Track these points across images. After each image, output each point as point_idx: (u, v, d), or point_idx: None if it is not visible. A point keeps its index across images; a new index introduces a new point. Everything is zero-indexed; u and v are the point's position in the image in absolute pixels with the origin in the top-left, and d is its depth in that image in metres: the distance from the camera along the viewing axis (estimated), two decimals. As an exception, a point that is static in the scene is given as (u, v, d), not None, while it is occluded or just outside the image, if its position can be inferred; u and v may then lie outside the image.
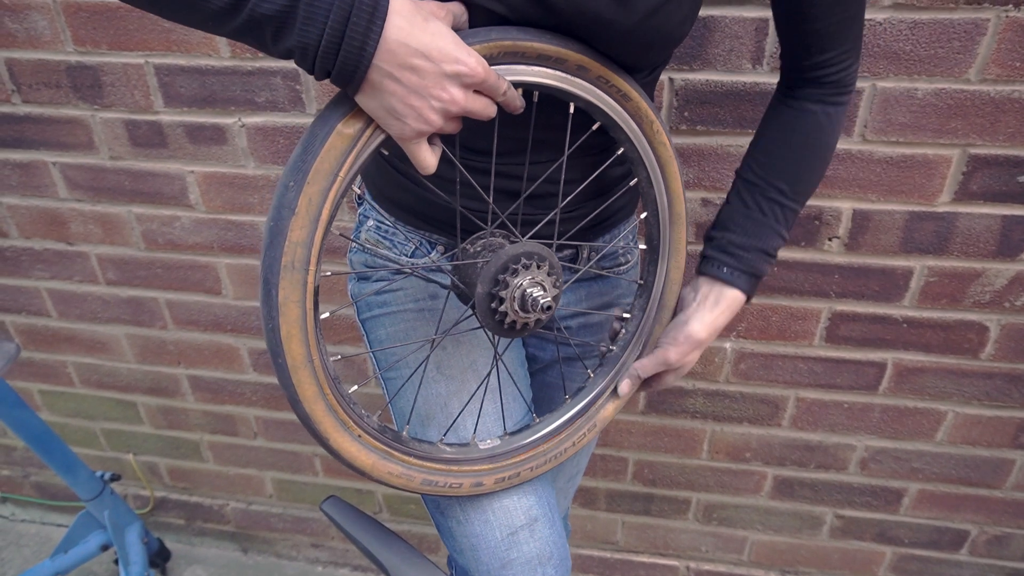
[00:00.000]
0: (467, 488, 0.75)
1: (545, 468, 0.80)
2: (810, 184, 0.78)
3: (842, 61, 0.71)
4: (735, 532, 1.52)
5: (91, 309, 1.47)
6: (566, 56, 0.61)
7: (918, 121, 1.02)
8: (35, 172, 1.31)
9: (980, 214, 1.08)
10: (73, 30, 1.14)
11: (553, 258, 0.65)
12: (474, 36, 0.56)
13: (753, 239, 0.76)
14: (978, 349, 1.20)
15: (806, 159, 0.76)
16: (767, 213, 0.76)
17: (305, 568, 1.76)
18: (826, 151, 0.77)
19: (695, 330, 0.77)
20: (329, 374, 0.63)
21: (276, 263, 0.56)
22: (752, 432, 1.37)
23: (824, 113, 0.74)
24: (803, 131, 0.75)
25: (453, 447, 0.76)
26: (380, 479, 0.70)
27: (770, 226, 0.77)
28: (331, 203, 0.57)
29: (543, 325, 0.71)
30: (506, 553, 0.75)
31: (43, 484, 1.81)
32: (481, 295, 0.64)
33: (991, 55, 0.96)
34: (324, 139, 0.55)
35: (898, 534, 1.45)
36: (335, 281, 1.33)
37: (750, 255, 0.77)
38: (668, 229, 0.78)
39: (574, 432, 0.82)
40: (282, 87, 1.14)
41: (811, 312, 1.21)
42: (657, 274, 0.80)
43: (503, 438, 0.79)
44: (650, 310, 0.82)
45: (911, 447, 1.33)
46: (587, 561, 1.64)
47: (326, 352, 0.64)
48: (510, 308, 0.64)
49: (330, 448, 0.67)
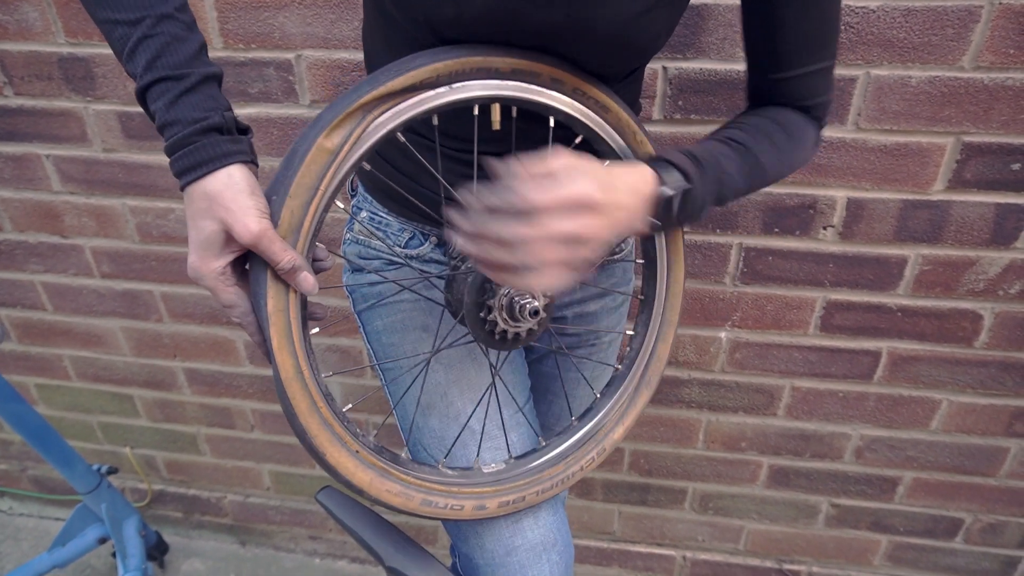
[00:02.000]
0: (469, 511, 0.73)
1: (552, 492, 0.77)
2: (780, 162, 0.70)
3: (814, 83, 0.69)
4: (731, 522, 1.52)
5: (86, 302, 1.46)
6: (539, 69, 0.62)
7: (912, 109, 1.02)
8: (28, 165, 1.30)
9: (974, 202, 1.08)
10: (64, 21, 1.14)
11: None
12: (446, 53, 0.58)
13: (700, 145, 0.67)
14: (972, 337, 1.20)
15: (780, 135, 0.70)
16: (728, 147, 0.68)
17: (303, 560, 1.76)
18: (801, 141, 0.71)
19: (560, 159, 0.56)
20: (321, 389, 0.64)
21: (262, 274, 0.58)
22: (747, 421, 1.37)
23: (799, 116, 0.71)
24: (782, 115, 0.71)
25: (456, 470, 0.75)
26: (378, 498, 0.69)
27: (726, 154, 0.67)
28: (312, 215, 0.58)
29: (538, 337, 0.70)
30: (510, 540, 0.75)
31: (40, 478, 1.81)
32: (469, 305, 0.64)
33: (985, 42, 0.96)
34: (304, 154, 0.57)
35: (893, 523, 1.46)
36: (330, 274, 1.33)
37: (688, 148, 0.66)
38: (664, 241, 0.77)
39: (582, 456, 0.80)
40: (275, 78, 1.13)
41: (806, 301, 1.21)
42: (657, 288, 0.79)
43: (508, 462, 0.77)
44: (652, 326, 0.80)
45: (906, 436, 1.33)
46: (584, 551, 1.64)
47: (317, 367, 0.64)
48: (499, 317, 0.63)
49: (326, 464, 0.65)
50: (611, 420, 0.81)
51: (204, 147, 0.55)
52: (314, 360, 0.63)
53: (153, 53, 0.55)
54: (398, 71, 0.58)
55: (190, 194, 0.56)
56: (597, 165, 0.55)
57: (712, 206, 0.66)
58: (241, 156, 0.57)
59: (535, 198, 0.50)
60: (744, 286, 1.21)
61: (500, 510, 0.74)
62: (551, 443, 0.80)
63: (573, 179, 0.52)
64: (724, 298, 1.23)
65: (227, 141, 0.56)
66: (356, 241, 0.83)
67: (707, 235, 1.17)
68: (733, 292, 1.22)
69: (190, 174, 0.55)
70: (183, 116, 0.55)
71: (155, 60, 0.55)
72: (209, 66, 0.57)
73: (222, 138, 0.56)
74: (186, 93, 0.55)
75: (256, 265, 0.58)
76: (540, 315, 0.64)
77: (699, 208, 0.64)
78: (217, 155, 0.55)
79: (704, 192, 0.63)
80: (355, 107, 0.57)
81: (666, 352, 0.82)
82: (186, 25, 0.57)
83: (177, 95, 0.55)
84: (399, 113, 0.59)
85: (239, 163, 0.56)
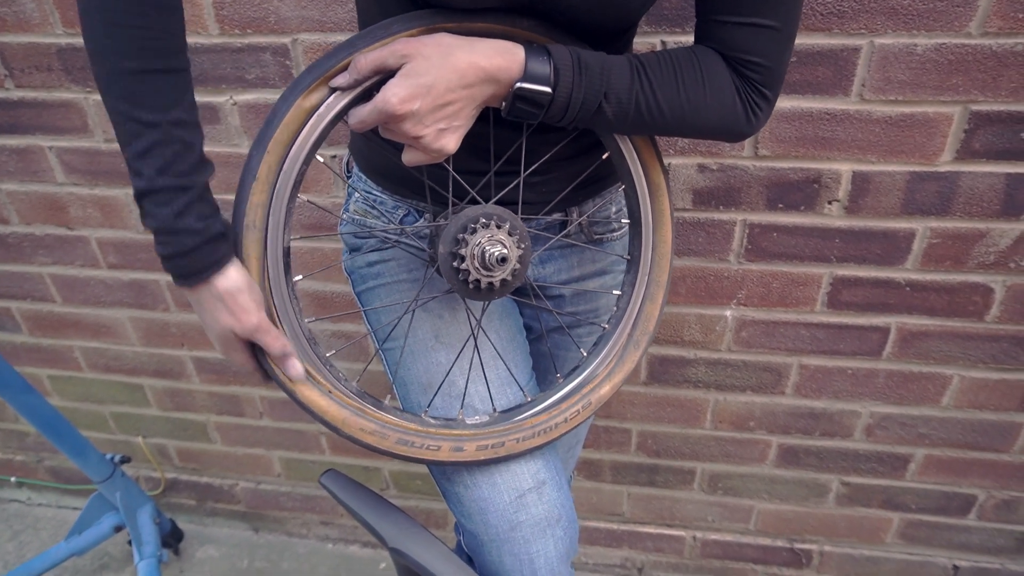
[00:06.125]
0: (446, 452, 0.74)
1: (534, 442, 0.77)
2: (679, 99, 0.66)
3: (752, 38, 0.65)
4: (741, 501, 1.52)
5: (94, 293, 1.48)
6: (514, 33, 0.63)
7: (918, 78, 1.00)
8: (32, 157, 1.31)
9: (983, 173, 1.06)
10: (61, 11, 1.14)
11: (515, 219, 0.67)
12: (419, 19, 0.61)
13: (593, 52, 0.64)
14: (983, 311, 1.18)
15: (691, 72, 0.66)
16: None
17: (315, 546, 1.78)
18: (715, 91, 0.67)
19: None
20: (304, 332, 0.69)
21: (240, 222, 0.63)
22: (755, 401, 1.36)
23: (725, 67, 0.67)
24: (707, 57, 0.67)
25: (438, 419, 0.76)
26: (352, 435, 0.72)
27: (623, 58, 0.65)
28: (290, 170, 0.64)
29: (521, 290, 0.71)
30: (514, 515, 0.75)
31: (57, 468, 1.84)
32: (443, 255, 0.67)
33: (992, 7, 0.93)
34: (284, 113, 0.61)
35: (905, 500, 1.44)
36: (333, 258, 1.33)
37: (577, 49, 0.63)
38: (648, 200, 0.76)
39: (566, 409, 0.80)
40: (272, 63, 1.13)
41: (812, 277, 1.19)
42: (643, 248, 0.78)
43: (492, 415, 0.78)
44: (639, 286, 0.80)
45: (917, 412, 1.32)
46: (593, 533, 1.64)
47: (300, 312, 0.69)
48: (471, 266, 0.66)
49: (298, 400, 0.70)
50: (598, 377, 0.82)
51: (207, 253, 0.61)
52: (296, 306, 0.69)
53: (165, 161, 0.57)
54: (373, 37, 0.60)
55: (198, 293, 0.63)
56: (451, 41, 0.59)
57: (589, 117, 0.64)
58: (231, 252, 0.63)
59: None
60: (749, 263, 1.20)
61: (479, 453, 0.75)
62: (536, 399, 0.81)
63: (393, 87, 0.58)
64: (729, 276, 1.22)
65: (224, 244, 0.62)
66: (352, 221, 0.83)
67: (710, 212, 1.16)
68: (738, 269, 1.21)
69: (194, 278, 0.62)
70: (190, 226, 0.59)
71: (166, 168, 0.58)
72: (208, 168, 0.61)
73: (220, 243, 0.62)
74: (192, 203, 0.59)
75: (238, 206, 0.64)
76: (511, 263, 0.67)
77: (569, 114, 0.63)
78: (217, 259, 0.62)
79: (576, 97, 0.62)
80: (333, 71, 0.61)
81: (655, 312, 0.81)
82: (194, 126, 0.60)
83: (184, 206, 0.59)
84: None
85: (231, 260, 0.63)
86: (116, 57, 0.55)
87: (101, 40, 0.55)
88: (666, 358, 1.34)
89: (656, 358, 1.35)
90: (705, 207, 1.16)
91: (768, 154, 1.09)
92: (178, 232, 0.59)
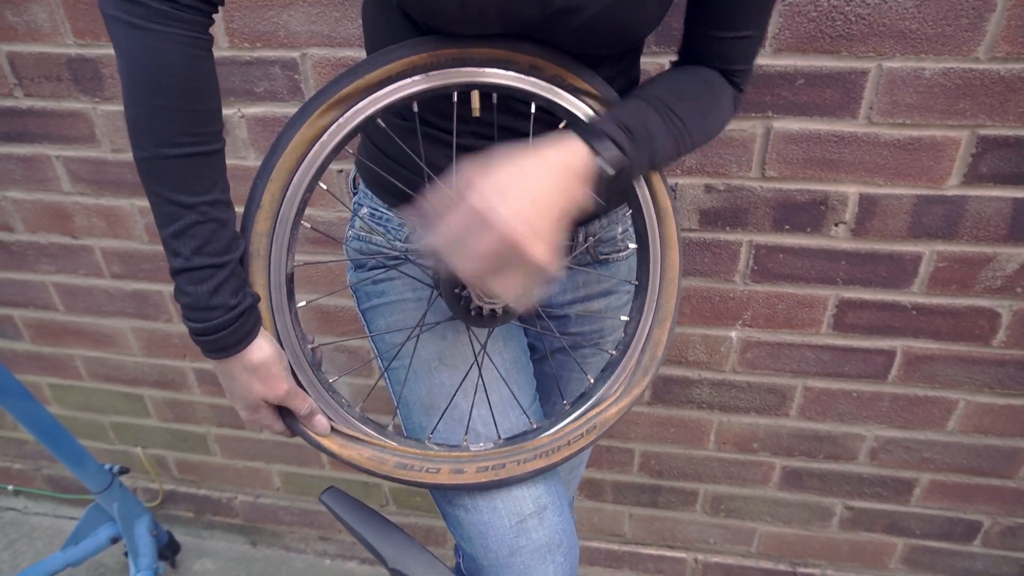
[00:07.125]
0: (445, 474, 0.73)
1: (535, 464, 0.75)
2: (702, 128, 0.70)
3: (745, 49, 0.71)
4: (743, 524, 1.50)
5: (97, 302, 1.47)
6: (517, 58, 0.63)
7: (925, 102, 1.00)
8: (39, 166, 1.31)
9: (990, 197, 1.05)
10: (72, 22, 1.14)
11: None
12: (423, 45, 0.61)
13: (628, 110, 0.65)
14: (989, 336, 1.17)
15: (705, 96, 0.71)
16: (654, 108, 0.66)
17: (313, 561, 1.77)
18: (723, 105, 0.73)
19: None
20: (308, 359, 0.69)
21: (245, 250, 0.64)
22: (759, 422, 1.35)
23: (723, 80, 0.73)
24: (709, 76, 0.72)
25: (442, 446, 0.75)
26: (349, 460, 0.71)
27: (653, 109, 0.65)
28: (293, 197, 0.64)
29: (522, 317, 0.70)
30: (515, 540, 0.74)
31: (54, 477, 1.83)
32: (445, 281, 0.66)
33: (1000, 32, 0.93)
34: (288, 141, 0.62)
35: (909, 525, 1.43)
36: (337, 272, 1.33)
37: (619, 116, 0.63)
38: (656, 226, 0.76)
39: (570, 432, 0.79)
40: (281, 77, 1.13)
41: (818, 299, 1.19)
42: (651, 273, 0.77)
43: (497, 442, 0.76)
44: (648, 311, 0.79)
45: (922, 436, 1.31)
46: (594, 553, 1.63)
47: (303, 338, 0.69)
48: (472, 292, 0.65)
49: (311, 442, 0.70)
50: (605, 402, 0.81)
51: (239, 327, 0.63)
52: (299, 331, 0.69)
53: (202, 240, 0.59)
54: (375, 64, 0.61)
55: (228, 365, 0.65)
56: (525, 168, 0.56)
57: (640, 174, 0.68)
58: (260, 321, 0.65)
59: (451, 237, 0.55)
60: (754, 284, 1.19)
61: (479, 475, 0.73)
62: (541, 426, 0.79)
63: (483, 230, 0.53)
64: (734, 297, 1.21)
65: (254, 314, 0.64)
66: (357, 237, 0.83)
67: (716, 232, 1.16)
68: (743, 291, 1.20)
69: (228, 351, 0.63)
70: (224, 302, 0.61)
71: (203, 247, 0.59)
72: (240, 244, 0.63)
73: (251, 314, 0.64)
74: (226, 280, 0.61)
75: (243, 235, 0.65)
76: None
77: (630, 180, 0.66)
78: (248, 331, 0.64)
79: (638, 166, 0.64)
80: (335, 99, 0.61)
81: (663, 337, 0.80)
82: (228, 204, 0.62)
83: (219, 283, 0.61)
84: (376, 100, 0.63)
85: (260, 330, 0.65)
86: (158, 143, 0.56)
87: (144, 124, 0.56)
88: (670, 378, 1.33)
89: (660, 378, 1.34)
90: (711, 227, 1.15)
91: (775, 175, 1.09)
92: (213, 308, 0.61)
